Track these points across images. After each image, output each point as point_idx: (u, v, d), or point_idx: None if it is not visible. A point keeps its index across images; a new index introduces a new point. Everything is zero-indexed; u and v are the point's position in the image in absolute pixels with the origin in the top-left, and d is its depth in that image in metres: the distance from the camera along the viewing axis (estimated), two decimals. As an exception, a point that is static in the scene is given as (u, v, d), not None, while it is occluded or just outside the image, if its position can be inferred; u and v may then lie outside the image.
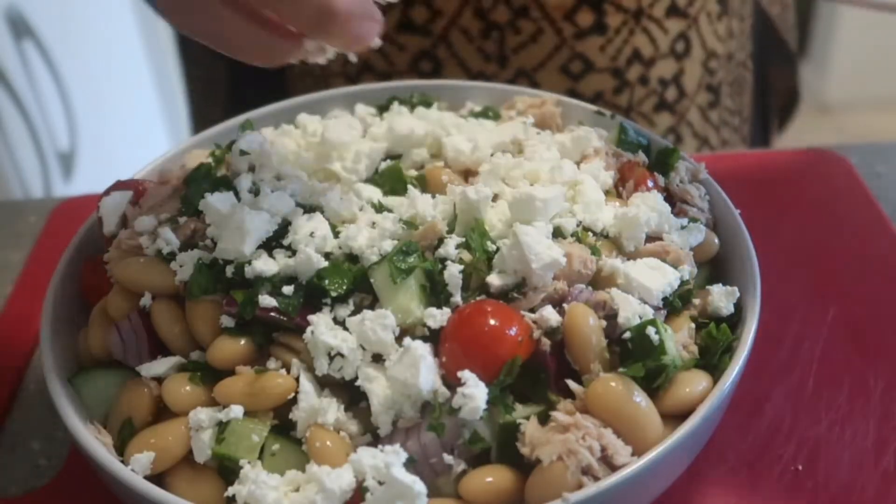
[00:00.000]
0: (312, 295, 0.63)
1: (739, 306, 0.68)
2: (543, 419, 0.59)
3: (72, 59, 2.01)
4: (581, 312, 0.61)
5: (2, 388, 0.82)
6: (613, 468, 0.56)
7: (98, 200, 0.75)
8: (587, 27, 1.03)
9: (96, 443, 0.61)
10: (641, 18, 1.05)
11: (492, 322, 0.59)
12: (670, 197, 0.75)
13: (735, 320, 0.67)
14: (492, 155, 0.75)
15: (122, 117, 2.29)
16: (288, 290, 0.63)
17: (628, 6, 1.03)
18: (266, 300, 0.62)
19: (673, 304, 0.66)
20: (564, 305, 0.62)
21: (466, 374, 0.58)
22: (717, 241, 0.73)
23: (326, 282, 0.63)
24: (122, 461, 0.60)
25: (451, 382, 0.59)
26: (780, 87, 1.33)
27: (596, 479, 0.55)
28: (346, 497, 0.56)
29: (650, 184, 0.74)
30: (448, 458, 0.58)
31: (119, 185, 0.77)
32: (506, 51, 1.04)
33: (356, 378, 0.61)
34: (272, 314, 0.62)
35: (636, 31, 1.05)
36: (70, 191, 2.03)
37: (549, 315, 0.61)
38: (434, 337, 0.61)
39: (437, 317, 0.61)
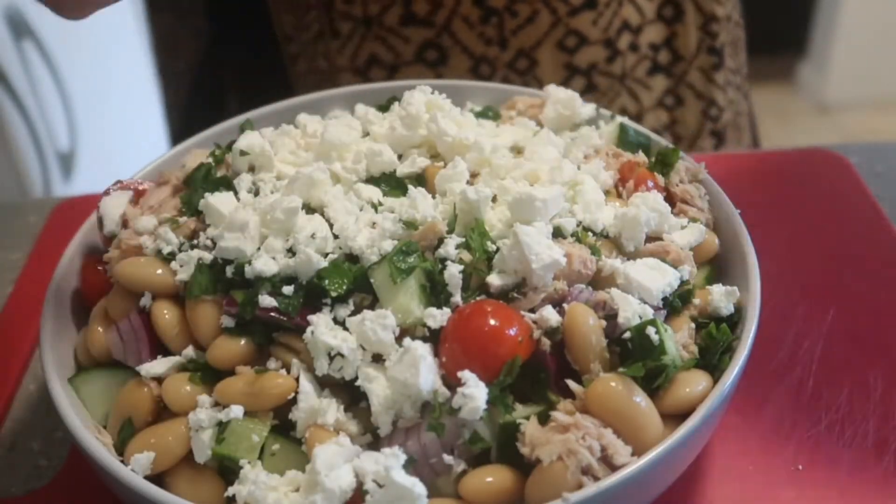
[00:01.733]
0: (312, 295, 0.63)
1: (739, 306, 0.68)
2: (543, 419, 0.59)
3: (72, 59, 2.01)
4: (581, 312, 0.61)
5: (2, 388, 0.82)
6: (613, 468, 0.56)
7: (98, 200, 0.75)
8: (579, 4, 1.10)
9: (96, 443, 0.61)
10: None
11: (492, 322, 0.59)
12: (670, 197, 0.75)
13: (735, 320, 0.67)
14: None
15: (122, 117, 2.29)
16: (288, 290, 0.63)
17: None
18: (266, 300, 0.62)
19: (673, 304, 0.66)
20: (564, 305, 0.62)
21: (466, 374, 0.58)
22: (717, 241, 0.73)
23: (326, 282, 0.63)
24: (122, 461, 0.60)
25: (451, 382, 0.59)
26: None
27: (596, 479, 0.55)
28: (345, 497, 0.56)
29: (650, 184, 0.74)
30: (448, 458, 0.58)
31: (119, 186, 0.77)
32: (505, 33, 1.11)
33: (356, 378, 0.60)
34: (272, 314, 0.62)
35: (624, 2, 1.12)
36: (70, 191, 2.02)
37: (549, 315, 0.61)
38: (434, 337, 0.61)
39: (437, 317, 0.61)
